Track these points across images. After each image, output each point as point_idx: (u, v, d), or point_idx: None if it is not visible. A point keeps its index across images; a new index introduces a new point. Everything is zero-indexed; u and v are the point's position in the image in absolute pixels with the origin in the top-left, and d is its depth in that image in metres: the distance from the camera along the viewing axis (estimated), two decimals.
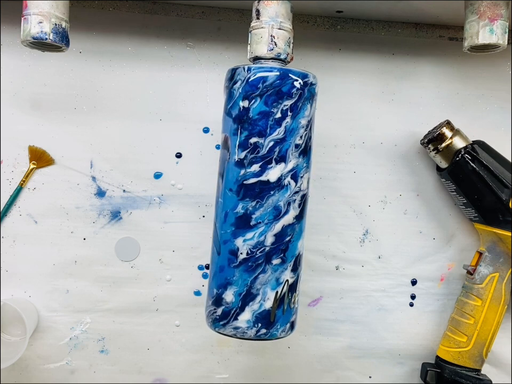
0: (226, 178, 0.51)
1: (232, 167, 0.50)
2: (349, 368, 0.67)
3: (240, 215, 0.50)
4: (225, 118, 0.51)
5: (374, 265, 0.66)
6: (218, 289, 0.51)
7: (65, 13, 0.52)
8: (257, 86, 0.49)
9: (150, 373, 0.66)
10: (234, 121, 0.50)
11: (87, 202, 0.64)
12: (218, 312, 0.51)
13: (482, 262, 0.63)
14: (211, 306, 0.51)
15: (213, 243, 0.52)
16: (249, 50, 0.51)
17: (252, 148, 0.49)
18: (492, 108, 0.66)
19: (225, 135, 0.51)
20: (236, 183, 0.50)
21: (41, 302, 0.64)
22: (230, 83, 0.50)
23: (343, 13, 0.63)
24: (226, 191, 0.50)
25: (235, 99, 0.50)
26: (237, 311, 0.50)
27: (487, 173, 0.60)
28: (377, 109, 0.65)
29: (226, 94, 0.51)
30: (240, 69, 0.50)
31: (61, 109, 0.63)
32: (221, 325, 0.50)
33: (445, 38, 0.66)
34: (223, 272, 0.50)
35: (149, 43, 0.64)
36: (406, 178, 0.66)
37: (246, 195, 0.50)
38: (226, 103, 0.51)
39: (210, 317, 0.51)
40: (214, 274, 0.52)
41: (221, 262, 0.51)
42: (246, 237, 0.50)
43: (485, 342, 0.62)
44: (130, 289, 0.65)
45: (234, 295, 0.50)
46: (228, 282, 0.50)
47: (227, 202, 0.50)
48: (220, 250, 0.51)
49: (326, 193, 0.66)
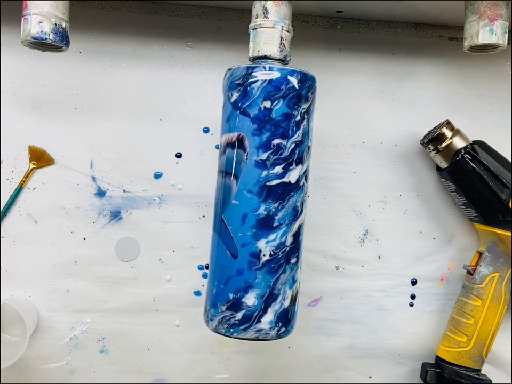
0: (243, 179, 0.49)
1: (252, 168, 0.49)
2: (349, 368, 0.67)
3: (263, 217, 0.49)
4: (238, 116, 0.50)
5: (374, 265, 0.66)
6: (237, 293, 0.49)
7: (65, 13, 0.52)
8: (280, 88, 0.49)
9: (150, 373, 0.66)
10: (253, 121, 0.49)
11: (87, 202, 0.64)
12: (238, 317, 0.49)
13: (482, 262, 0.63)
14: (226, 312, 0.50)
15: (223, 247, 0.50)
16: (254, 48, 0.50)
17: (275, 149, 0.49)
18: (491, 108, 0.66)
19: (240, 134, 0.49)
20: (257, 185, 0.49)
21: (41, 302, 0.64)
22: (246, 81, 0.49)
23: (343, 13, 0.63)
24: (244, 192, 0.49)
25: (254, 98, 0.49)
26: (260, 313, 0.49)
27: (487, 173, 0.60)
28: (377, 109, 0.65)
29: (239, 91, 0.49)
30: (260, 68, 0.49)
31: (61, 109, 0.63)
32: (241, 330, 0.49)
33: (445, 38, 0.66)
34: (243, 275, 0.49)
35: (149, 43, 0.64)
36: (406, 178, 0.66)
37: (268, 196, 0.49)
38: (238, 101, 0.50)
39: (225, 323, 0.50)
40: (227, 278, 0.50)
41: (239, 266, 0.49)
42: (268, 239, 0.49)
43: (485, 342, 0.62)
44: (130, 289, 0.65)
45: (256, 298, 0.49)
46: (249, 285, 0.49)
47: (246, 204, 0.49)
48: (237, 253, 0.49)
49: (326, 193, 0.66)
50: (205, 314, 0.52)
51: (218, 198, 0.52)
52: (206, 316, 0.52)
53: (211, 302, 0.51)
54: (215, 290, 0.51)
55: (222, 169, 0.51)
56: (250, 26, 0.51)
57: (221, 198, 0.51)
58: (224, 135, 0.51)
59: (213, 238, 0.52)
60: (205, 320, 0.52)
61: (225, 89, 0.51)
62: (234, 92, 0.50)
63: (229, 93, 0.50)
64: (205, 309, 0.52)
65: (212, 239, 0.53)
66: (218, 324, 0.50)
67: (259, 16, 0.50)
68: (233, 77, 0.50)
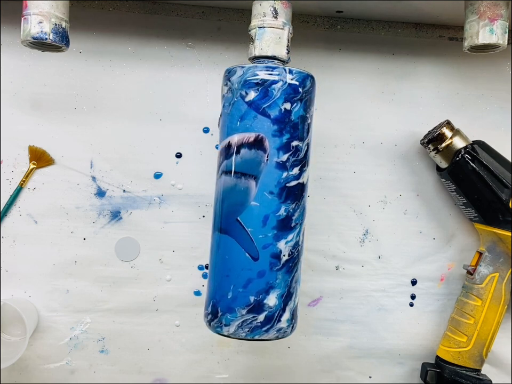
0: (263, 181, 0.49)
1: (273, 169, 0.49)
2: (349, 368, 0.67)
3: (283, 218, 0.49)
4: (256, 116, 0.49)
5: (374, 265, 0.66)
6: (258, 295, 0.49)
7: (65, 13, 0.52)
8: (298, 90, 0.49)
9: (150, 373, 0.66)
10: (273, 122, 0.49)
11: (87, 202, 0.64)
12: (260, 319, 0.49)
13: (482, 262, 0.63)
14: (247, 315, 0.49)
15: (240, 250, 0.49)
16: (261, 47, 0.50)
17: (293, 151, 0.50)
18: (492, 108, 0.66)
19: (259, 135, 0.49)
20: (277, 186, 0.49)
21: (41, 302, 0.64)
22: (266, 81, 0.49)
23: (343, 13, 0.63)
24: (265, 194, 0.49)
25: (274, 99, 0.49)
26: (280, 313, 0.50)
27: (487, 173, 0.60)
28: (377, 109, 0.65)
29: (257, 91, 0.49)
30: (281, 69, 0.49)
31: (61, 109, 0.63)
32: (263, 331, 0.49)
33: (445, 38, 0.66)
34: (264, 277, 0.49)
35: (149, 43, 0.64)
36: (406, 178, 0.66)
37: (288, 198, 0.50)
38: (257, 101, 0.49)
39: (246, 327, 0.49)
40: (247, 281, 0.49)
41: (260, 267, 0.49)
42: (288, 239, 0.50)
43: (485, 342, 0.62)
44: (130, 289, 0.65)
45: (277, 298, 0.50)
46: (271, 286, 0.49)
47: (267, 206, 0.49)
48: (257, 255, 0.49)
49: (326, 193, 0.66)
50: (216, 320, 0.50)
51: (229, 199, 0.50)
52: (217, 321, 0.50)
53: (225, 307, 0.50)
54: (230, 295, 0.49)
55: (235, 170, 0.49)
56: (257, 24, 0.50)
57: (235, 200, 0.50)
58: (236, 135, 0.49)
59: (219, 241, 0.51)
60: (216, 326, 0.50)
61: (235, 87, 0.50)
62: (251, 91, 0.49)
63: (242, 91, 0.49)
64: (214, 314, 0.50)
65: (215, 242, 0.51)
66: (238, 328, 0.49)
67: (267, 15, 0.50)
68: (247, 76, 0.49)
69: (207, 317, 0.51)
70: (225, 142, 0.50)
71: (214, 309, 0.50)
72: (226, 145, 0.50)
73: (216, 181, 0.52)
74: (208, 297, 0.52)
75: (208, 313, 0.51)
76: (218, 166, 0.51)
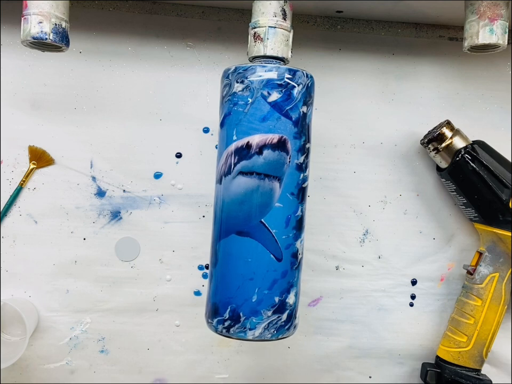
0: (286, 182, 0.49)
1: (293, 171, 0.50)
2: (349, 368, 0.67)
3: (300, 218, 0.51)
4: (279, 118, 0.49)
5: (374, 265, 0.66)
6: (282, 295, 0.50)
7: (65, 13, 0.52)
8: (311, 94, 0.51)
9: (150, 373, 0.66)
10: (294, 125, 0.49)
11: (87, 202, 0.64)
12: (284, 318, 0.50)
13: (482, 262, 0.63)
14: (272, 316, 0.49)
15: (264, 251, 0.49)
16: (272, 47, 0.50)
17: (307, 153, 0.51)
18: (492, 108, 0.66)
19: (283, 136, 0.49)
20: (297, 187, 0.50)
21: (41, 302, 0.64)
22: (289, 84, 0.49)
23: (343, 13, 0.63)
24: (287, 195, 0.49)
25: (296, 102, 0.49)
26: (295, 310, 0.51)
27: (487, 173, 0.60)
28: (377, 109, 0.65)
29: (280, 93, 0.48)
30: (300, 73, 0.49)
31: (61, 109, 0.63)
32: (285, 330, 0.50)
33: (445, 38, 0.66)
34: (286, 276, 0.50)
35: (149, 43, 0.64)
36: (406, 178, 0.66)
37: (303, 198, 0.51)
38: (281, 102, 0.49)
39: (272, 328, 0.49)
40: (273, 282, 0.49)
41: (283, 268, 0.50)
42: (301, 238, 0.52)
43: (485, 342, 0.62)
44: (130, 289, 0.65)
45: (295, 296, 0.51)
46: (291, 285, 0.51)
47: (289, 207, 0.50)
48: (281, 256, 0.49)
49: (326, 193, 0.66)
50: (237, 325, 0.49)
51: (250, 201, 0.49)
52: (240, 326, 0.49)
53: (250, 310, 0.49)
54: (255, 298, 0.49)
55: (258, 171, 0.49)
56: (268, 23, 0.49)
57: (259, 202, 0.49)
58: (257, 135, 0.48)
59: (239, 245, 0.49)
60: (239, 331, 0.49)
61: (255, 86, 0.49)
62: (274, 92, 0.48)
63: (264, 91, 0.48)
64: (234, 320, 0.49)
65: (231, 246, 0.50)
66: (264, 330, 0.49)
67: (277, 15, 0.50)
68: (271, 76, 0.49)
69: (223, 324, 0.49)
70: (242, 142, 0.49)
71: (235, 314, 0.49)
72: (245, 145, 0.49)
73: (225, 182, 0.50)
74: (220, 303, 0.50)
75: (223, 319, 0.49)
76: (231, 166, 0.49)
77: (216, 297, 0.51)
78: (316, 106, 0.53)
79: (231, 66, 0.50)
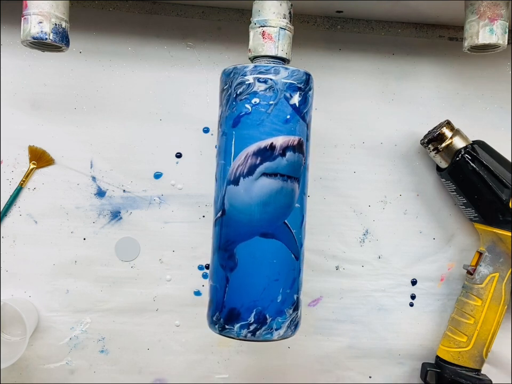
0: (302, 183, 0.50)
1: (306, 172, 0.51)
2: (349, 368, 0.67)
3: (304, 216, 0.52)
4: (299, 121, 0.49)
5: (374, 265, 0.66)
6: (298, 292, 0.51)
7: (65, 13, 0.52)
8: (312, 98, 0.52)
9: (150, 373, 0.66)
10: (307, 127, 0.51)
11: (87, 202, 0.64)
12: (299, 314, 0.51)
13: (482, 262, 0.63)
14: (293, 314, 0.50)
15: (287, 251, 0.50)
16: (282, 49, 0.50)
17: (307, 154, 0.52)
18: (492, 108, 0.66)
19: (301, 139, 0.49)
20: (306, 187, 0.52)
21: (41, 302, 0.64)
22: (306, 87, 0.50)
23: (343, 13, 0.63)
24: (303, 196, 0.51)
25: (309, 106, 0.51)
26: (301, 305, 0.52)
27: (487, 173, 0.60)
28: (377, 109, 0.65)
29: (300, 96, 0.49)
30: (312, 77, 0.51)
31: (61, 109, 0.63)
32: (299, 326, 0.52)
33: (445, 38, 0.66)
34: (300, 274, 0.52)
35: (149, 43, 0.64)
36: (406, 178, 0.66)
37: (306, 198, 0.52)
38: (300, 106, 0.49)
39: (292, 325, 0.50)
40: (293, 281, 0.50)
41: (299, 266, 0.51)
42: (304, 235, 0.53)
43: (485, 342, 0.62)
44: (130, 289, 0.65)
45: (302, 292, 0.52)
46: (301, 282, 0.52)
47: (303, 207, 0.51)
48: (298, 255, 0.51)
49: (326, 193, 0.66)
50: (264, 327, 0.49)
51: (275, 203, 0.49)
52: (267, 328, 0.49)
53: (275, 311, 0.49)
54: (280, 298, 0.49)
55: (282, 172, 0.49)
56: (279, 25, 0.49)
57: (283, 203, 0.49)
58: (280, 137, 0.48)
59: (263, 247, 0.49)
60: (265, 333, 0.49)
61: (279, 88, 0.49)
62: (295, 95, 0.49)
63: (287, 93, 0.49)
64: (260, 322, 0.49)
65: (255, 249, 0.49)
66: (287, 329, 0.50)
67: (286, 17, 0.50)
68: (293, 78, 0.49)
69: (247, 328, 0.49)
70: (265, 143, 0.48)
71: (261, 316, 0.49)
72: (268, 146, 0.48)
73: (245, 183, 0.49)
74: (243, 307, 0.49)
75: (248, 324, 0.49)
76: (253, 167, 0.48)
77: (236, 302, 0.49)
78: (315, 106, 0.53)
79: (246, 64, 0.49)
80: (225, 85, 0.50)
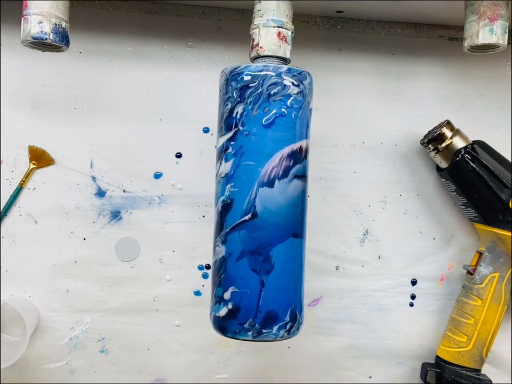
0: None
1: None
2: (349, 368, 0.67)
3: None
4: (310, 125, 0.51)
5: (374, 265, 0.66)
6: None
7: (65, 13, 0.52)
8: None
9: (150, 373, 0.66)
10: None
11: (87, 202, 0.64)
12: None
13: (482, 262, 0.63)
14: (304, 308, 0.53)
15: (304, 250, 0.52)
16: (291, 53, 0.51)
17: None
18: (492, 108, 0.66)
19: (307, 142, 0.51)
20: None
21: (41, 302, 0.64)
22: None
23: (343, 13, 0.63)
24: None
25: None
26: None
27: (487, 173, 0.60)
28: (377, 109, 0.65)
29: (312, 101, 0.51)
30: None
31: (61, 109, 0.63)
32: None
33: (445, 38, 0.66)
34: None
35: (149, 43, 0.64)
36: (406, 178, 0.66)
37: None
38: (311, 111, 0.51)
39: (304, 318, 0.52)
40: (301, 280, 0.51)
41: None
42: None
43: (485, 342, 0.62)
44: (130, 289, 0.65)
45: None
46: None
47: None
48: None
49: (326, 193, 0.66)
50: (295, 324, 0.50)
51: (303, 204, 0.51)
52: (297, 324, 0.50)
53: (300, 307, 0.51)
54: (303, 293, 0.52)
55: (306, 174, 0.50)
56: (292, 29, 0.50)
57: (304, 203, 0.51)
58: (304, 140, 0.50)
59: (297, 247, 0.50)
60: (296, 329, 0.50)
61: (307, 92, 0.50)
62: (312, 100, 0.51)
63: (309, 98, 0.50)
64: (293, 320, 0.50)
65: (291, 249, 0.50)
66: (304, 321, 0.52)
67: (291, 18, 0.51)
68: (311, 84, 0.50)
69: (285, 328, 0.49)
70: (296, 146, 0.49)
71: (293, 314, 0.50)
72: (298, 149, 0.49)
73: (281, 185, 0.48)
74: (280, 308, 0.49)
75: (285, 324, 0.49)
76: (287, 169, 0.48)
77: (274, 304, 0.49)
78: (315, 107, 0.53)
79: (278, 65, 0.49)
80: (252, 82, 0.48)
